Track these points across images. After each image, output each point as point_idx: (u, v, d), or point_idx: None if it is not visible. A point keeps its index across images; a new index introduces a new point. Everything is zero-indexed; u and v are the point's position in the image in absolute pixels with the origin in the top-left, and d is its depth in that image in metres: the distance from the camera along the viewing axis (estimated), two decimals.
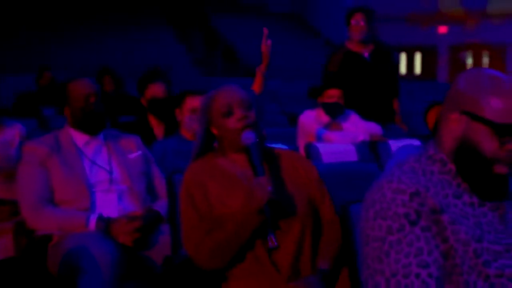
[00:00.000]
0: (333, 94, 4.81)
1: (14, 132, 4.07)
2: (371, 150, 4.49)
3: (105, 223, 2.96)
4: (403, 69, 20.32)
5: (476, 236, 1.72)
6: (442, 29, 19.56)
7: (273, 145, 2.59)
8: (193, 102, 3.90)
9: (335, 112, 4.84)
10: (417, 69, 20.49)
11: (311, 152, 4.21)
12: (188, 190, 2.34)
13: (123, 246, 2.89)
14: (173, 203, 2.67)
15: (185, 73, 12.90)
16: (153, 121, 4.43)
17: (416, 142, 4.31)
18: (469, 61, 20.19)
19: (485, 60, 19.97)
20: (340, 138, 4.65)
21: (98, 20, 14.91)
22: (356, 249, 1.94)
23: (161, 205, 3.12)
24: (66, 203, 3.02)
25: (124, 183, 3.13)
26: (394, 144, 4.40)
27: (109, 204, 3.05)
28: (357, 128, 4.83)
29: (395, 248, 1.68)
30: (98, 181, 3.08)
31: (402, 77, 19.50)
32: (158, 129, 4.41)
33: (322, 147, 4.22)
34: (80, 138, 3.18)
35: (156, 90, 4.42)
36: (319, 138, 4.65)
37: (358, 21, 5.50)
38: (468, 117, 1.76)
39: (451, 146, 1.80)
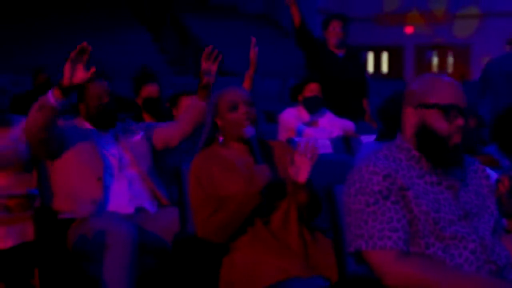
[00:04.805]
0: (313, 88, 5.14)
1: (21, 128, 4.28)
2: (344, 144, 4.96)
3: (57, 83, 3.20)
4: (370, 68, 20.74)
5: (435, 208, 2.17)
6: (409, 30, 20.02)
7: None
8: (187, 102, 4.32)
9: (316, 106, 5.16)
10: (384, 68, 20.92)
11: (292, 146, 4.63)
12: (196, 174, 2.76)
13: (138, 227, 3.28)
14: (181, 189, 3.05)
15: (158, 72, 13.16)
16: (147, 118, 4.86)
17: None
18: (435, 61, 20.64)
19: (450, 60, 20.43)
20: (318, 134, 5.09)
21: (71, 22, 15.02)
22: (340, 219, 2.40)
23: None
24: (81, 187, 3.39)
25: (132, 167, 3.51)
26: (365, 139, 4.85)
27: (120, 188, 3.44)
28: (333, 125, 5.19)
29: (371, 217, 2.14)
30: (109, 166, 3.46)
31: (370, 76, 19.91)
32: None
33: (301, 142, 4.65)
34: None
35: (151, 90, 4.85)
36: (300, 134, 5.07)
37: (335, 28, 5.82)
38: (421, 108, 2.22)
39: (411, 133, 2.25)
